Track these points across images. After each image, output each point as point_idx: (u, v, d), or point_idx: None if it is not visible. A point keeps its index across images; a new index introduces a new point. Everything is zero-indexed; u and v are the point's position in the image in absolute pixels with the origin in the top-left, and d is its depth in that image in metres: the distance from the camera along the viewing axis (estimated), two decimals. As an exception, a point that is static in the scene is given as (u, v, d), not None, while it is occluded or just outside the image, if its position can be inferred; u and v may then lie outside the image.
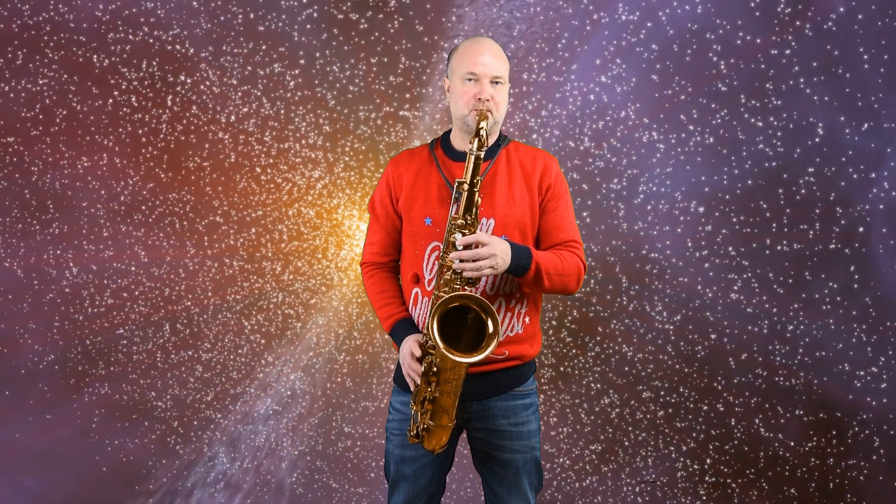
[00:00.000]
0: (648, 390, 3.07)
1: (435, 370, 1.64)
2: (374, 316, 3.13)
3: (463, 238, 1.60)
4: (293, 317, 3.23)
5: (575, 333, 3.11)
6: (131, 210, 3.14)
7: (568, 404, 3.15)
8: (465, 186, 1.63)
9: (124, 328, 3.19)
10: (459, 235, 1.62)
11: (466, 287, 1.64)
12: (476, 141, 1.62)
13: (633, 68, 2.92)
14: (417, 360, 1.68)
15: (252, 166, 3.13)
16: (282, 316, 3.23)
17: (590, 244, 3.01)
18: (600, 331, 3.08)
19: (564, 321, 3.11)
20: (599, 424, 3.13)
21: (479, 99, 1.70)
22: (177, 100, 3.08)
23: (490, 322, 1.60)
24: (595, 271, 3.04)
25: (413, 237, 1.79)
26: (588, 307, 3.09)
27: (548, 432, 3.16)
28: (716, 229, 2.94)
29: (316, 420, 3.28)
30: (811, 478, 2.95)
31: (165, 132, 3.10)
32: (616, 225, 3.01)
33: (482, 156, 1.63)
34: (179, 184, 3.13)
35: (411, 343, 1.70)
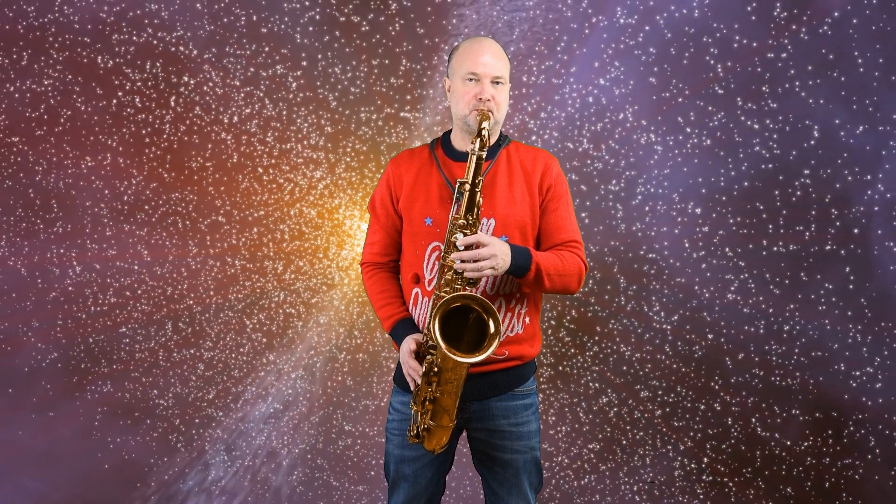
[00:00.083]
0: (646, 390, 3.09)
1: (436, 370, 1.63)
2: (375, 315, 3.15)
3: (464, 238, 1.60)
4: (294, 316, 3.25)
5: (573, 333, 3.13)
6: (134, 209, 3.16)
7: (566, 403, 3.17)
8: (467, 186, 1.62)
9: (127, 327, 3.20)
10: (461, 235, 1.61)
11: (467, 287, 1.63)
12: (478, 141, 1.62)
13: (632, 70, 2.95)
14: (417, 359, 1.68)
15: (254, 166, 3.15)
16: (283, 315, 3.25)
17: (588, 245, 3.03)
18: (599, 330, 3.10)
19: (563, 321, 3.13)
20: (598, 424, 3.15)
21: (480, 99, 1.69)
22: (180, 100, 3.10)
23: (492, 322, 1.59)
24: (593, 271, 3.06)
25: (413, 237, 1.78)
26: (586, 307, 3.11)
27: (546, 431, 3.17)
28: (713, 230, 2.96)
29: (316, 418, 3.29)
30: (808, 477, 2.97)
31: (168, 132, 3.12)
32: (614, 226, 3.03)
33: (484, 156, 1.63)
34: (182, 184, 3.15)
35: (411, 341, 1.70)
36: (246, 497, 3.25)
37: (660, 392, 3.08)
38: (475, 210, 1.64)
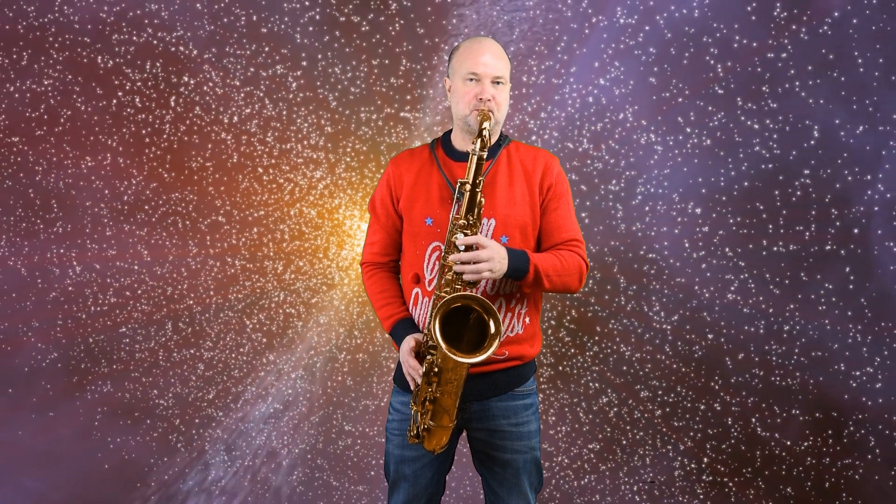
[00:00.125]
0: (646, 390, 3.09)
1: (436, 370, 1.63)
2: (375, 315, 3.15)
3: (463, 238, 1.60)
4: (294, 316, 3.25)
5: (573, 333, 3.13)
6: (134, 209, 3.16)
7: (566, 403, 3.17)
8: (468, 186, 1.62)
9: (127, 327, 3.20)
10: (461, 236, 1.61)
11: (468, 287, 1.63)
12: (479, 141, 1.62)
13: (632, 71, 2.95)
14: (417, 359, 1.68)
15: (254, 166, 3.15)
16: (283, 315, 3.25)
17: (588, 245, 3.03)
18: (599, 330, 3.10)
19: (563, 321, 3.13)
20: (598, 423, 3.15)
21: (481, 99, 1.69)
22: (180, 100, 3.10)
23: (492, 322, 1.59)
24: (594, 271, 3.06)
25: (414, 237, 1.78)
26: (586, 307, 3.11)
27: (546, 431, 3.17)
28: (713, 230, 2.96)
29: (316, 418, 3.30)
30: (808, 477, 2.97)
31: (168, 132, 3.12)
32: (614, 226, 3.04)
33: (485, 156, 1.62)
34: (182, 184, 3.15)
35: (411, 340, 1.70)
36: (246, 497, 3.26)
37: (660, 392, 3.08)
38: (476, 210, 1.64)
